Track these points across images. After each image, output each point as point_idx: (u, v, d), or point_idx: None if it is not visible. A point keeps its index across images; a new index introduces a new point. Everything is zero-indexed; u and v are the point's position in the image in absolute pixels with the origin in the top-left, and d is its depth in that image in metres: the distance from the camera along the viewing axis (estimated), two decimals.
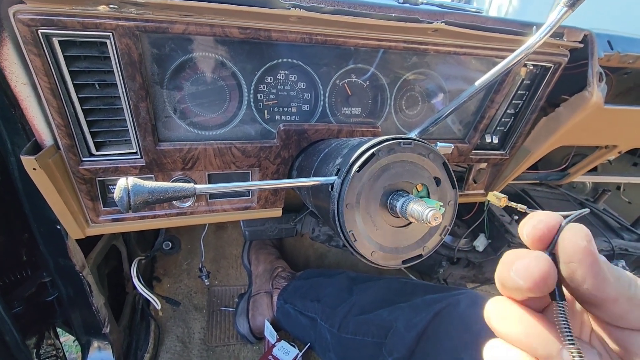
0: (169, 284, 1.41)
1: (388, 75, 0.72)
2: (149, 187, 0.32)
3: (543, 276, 0.23)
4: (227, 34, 0.52)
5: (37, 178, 0.54)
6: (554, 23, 0.41)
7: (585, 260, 0.23)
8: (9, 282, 0.76)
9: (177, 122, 0.62)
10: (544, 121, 0.82)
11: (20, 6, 0.43)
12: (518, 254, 0.25)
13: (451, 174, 0.44)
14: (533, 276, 0.23)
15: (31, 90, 0.51)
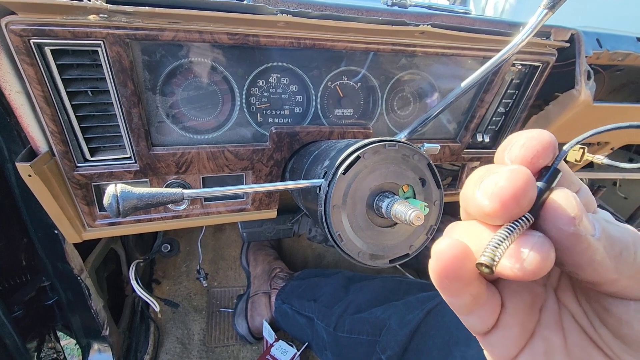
0: (168, 286, 1.42)
1: (379, 76, 0.73)
2: (137, 193, 0.33)
3: (515, 194, 0.18)
4: (216, 40, 0.53)
5: (32, 184, 0.55)
6: (535, 25, 0.42)
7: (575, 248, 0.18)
8: (9, 287, 0.77)
9: (170, 126, 0.63)
10: (534, 119, 0.83)
11: (12, 17, 0.44)
12: (491, 169, 0.20)
13: (436, 175, 0.44)
14: (501, 194, 0.18)
15: (25, 99, 0.52)
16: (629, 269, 0.18)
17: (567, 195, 0.19)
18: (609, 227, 0.19)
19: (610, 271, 0.18)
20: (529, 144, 0.20)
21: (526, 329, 0.23)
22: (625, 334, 0.20)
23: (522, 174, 0.18)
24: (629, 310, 0.19)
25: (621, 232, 0.19)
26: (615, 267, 0.18)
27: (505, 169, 0.19)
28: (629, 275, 0.19)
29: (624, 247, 0.19)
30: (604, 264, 0.18)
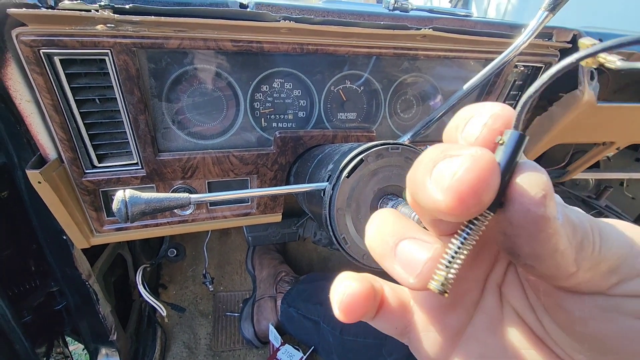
0: (174, 291, 1.43)
1: (381, 80, 0.74)
2: (145, 197, 0.34)
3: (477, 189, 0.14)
4: (220, 47, 0.54)
5: (42, 191, 0.56)
6: (536, 27, 0.42)
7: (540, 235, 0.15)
8: (19, 292, 0.78)
9: (176, 132, 0.64)
10: (538, 120, 0.83)
11: (23, 28, 0.46)
12: (447, 151, 0.16)
13: None
14: (460, 188, 0.14)
15: (35, 107, 0.53)
16: (589, 260, 0.16)
17: (534, 168, 0.16)
18: (569, 212, 0.16)
19: (571, 263, 0.16)
20: (493, 124, 0.17)
21: (448, 329, 0.21)
22: (578, 331, 0.18)
23: (486, 161, 0.15)
24: (584, 307, 0.17)
25: (581, 219, 0.17)
26: (576, 258, 0.16)
27: (467, 153, 0.15)
28: (587, 267, 0.16)
29: (585, 235, 0.16)
30: (565, 254, 0.16)
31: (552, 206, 0.15)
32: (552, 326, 0.19)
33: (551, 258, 0.16)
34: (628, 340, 0.16)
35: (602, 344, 0.17)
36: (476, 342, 0.21)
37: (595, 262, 0.16)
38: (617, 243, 0.17)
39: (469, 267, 0.22)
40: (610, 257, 0.16)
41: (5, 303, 0.72)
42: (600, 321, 0.17)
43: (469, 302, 0.21)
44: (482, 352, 0.20)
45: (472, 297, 0.22)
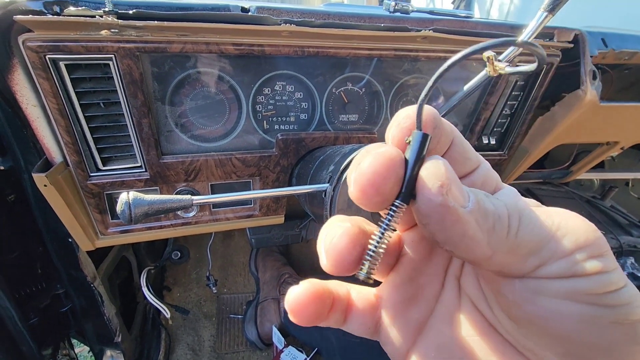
0: (178, 293, 1.43)
1: (383, 81, 0.74)
2: (148, 199, 0.34)
3: (373, 181, 0.17)
4: (222, 50, 0.55)
5: (48, 194, 0.57)
6: (535, 29, 0.42)
7: (445, 222, 0.17)
8: (25, 294, 0.79)
9: (179, 135, 0.65)
10: (540, 121, 0.82)
11: (29, 34, 0.46)
12: (369, 149, 0.18)
13: None
14: (361, 181, 0.17)
15: (41, 112, 0.54)
16: (503, 244, 0.17)
17: (435, 163, 0.18)
18: (484, 200, 0.18)
19: (484, 246, 0.17)
20: (404, 123, 0.19)
21: (411, 322, 0.22)
22: (515, 315, 0.19)
23: (385, 157, 0.17)
24: (515, 290, 0.18)
25: (497, 205, 0.18)
26: (488, 242, 0.17)
27: (375, 151, 0.18)
28: (504, 251, 0.17)
29: (497, 220, 0.17)
30: (475, 238, 0.17)
31: (453, 195, 0.17)
32: (500, 313, 0.20)
33: (462, 242, 0.17)
34: (554, 321, 0.17)
35: (535, 326, 0.18)
36: (436, 333, 0.21)
37: (512, 245, 0.17)
38: (538, 227, 0.18)
39: (425, 262, 0.23)
40: (530, 240, 0.17)
41: (12, 305, 0.73)
42: (530, 303, 0.18)
43: (429, 295, 0.22)
44: (440, 342, 0.21)
45: (433, 290, 0.23)
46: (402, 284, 0.22)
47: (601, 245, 0.18)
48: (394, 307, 0.22)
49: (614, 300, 0.17)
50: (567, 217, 0.18)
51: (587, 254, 0.17)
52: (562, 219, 0.18)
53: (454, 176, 0.17)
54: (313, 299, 0.20)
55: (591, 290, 0.17)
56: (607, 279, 0.17)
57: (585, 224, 0.18)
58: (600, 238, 0.18)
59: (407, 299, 0.22)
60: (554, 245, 0.17)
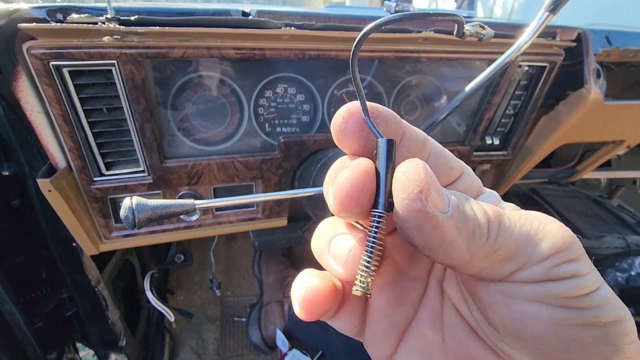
0: (182, 296, 1.44)
1: (384, 83, 0.74)
2: (151, 204, 0.34)
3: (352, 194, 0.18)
4: (223, 55, 0.55)
5: (52, 199, 0.57)
6: (536, 28, 0.42)
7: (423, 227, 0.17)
8: (30, 299, 0.80)
9: (182, 139, 0.65)
10: (544, 120, 0.82)
11: (33, 42, 0.47)
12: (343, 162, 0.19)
13: None
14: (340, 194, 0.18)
15: (45, 118, 0.54)
16: (482, 250, 0.17)
17: (414, 167, 0.17)
18: (464, 205, 0.18)
19: (463, 252, 0.17)
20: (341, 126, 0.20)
21: (395, 325, 0.22)
22: (490, 318, 0.19)
23: (360, 170, 0.18)
24: (490, 293, 0.18)
25: (477, 210, 0.18)
26: (468, 247, 0.17)
27: (350, 164, 0.18)
28: (482, 256, 0.17)
29: (477, 226, 0.17)
30: (454, 244, 0.17)
31: (433, 200, 0.17)
32: (479, 316, 0.20)
33: (440, 248, 0.17)
34: (526, 323, 0.17)
35: (509, 329, 0.18)
36: (418, 336, 0.22)
37: (490, 251, 0.17)
38: (517, 233, 0.18)
39: (409, 265, 0.23)
40: (508, 246, 0.17)
41: (18, 309, 0.73)
42: (503, 306, 0.18)
43: (413, 298, 0.22)
44: (422, 345, 0.21)
45: (416, 293, 0.23)
46: (386, 287, 0.22)
47: (575, 250, 0.18)
48: (378, 309, 0.22)
49: (584, 303, 0.17)
50: (545, 221, 0.18)
51: (562, 258, 0.17)
52: (540, 223, 0.18)
53: (434, 180, 0.17)
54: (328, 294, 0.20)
55: (563, 293, 0.17)
56: (579, 282, 0.17)
57: (561, 228, 0.18)
58: (576, 242, 0.18)
59: (391, 301, 0.22)
60: (531, 250, 0.17)
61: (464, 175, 0.22)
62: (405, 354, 0.22)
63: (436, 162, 0.21)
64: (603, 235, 1.16)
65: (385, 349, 0.22)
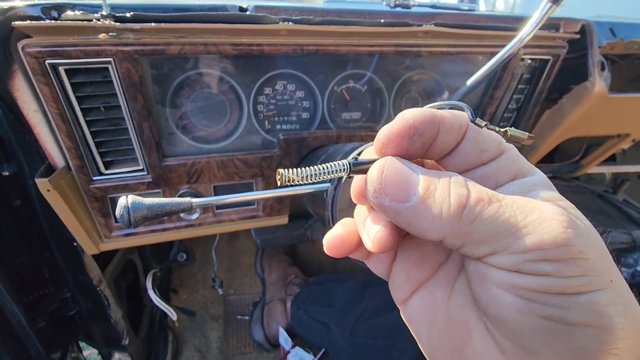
0: (185, 295, 1.44)
1: (385, 78, 0.73)
2: (147, 203, 0.34)
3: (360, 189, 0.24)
4: (220, 51, 0.54)
5: (51, 199, 0.57)
6: (539, 20, 0.41)
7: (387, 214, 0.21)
8: (33, 299, 0.80)
9: (181, 137, 0.65)
10: (548, 114, 0.81)
11: (28, 40, 0.46)
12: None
13: None
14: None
15: (42, 117, 0.54)
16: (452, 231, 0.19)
17: (373, 169, 0.21)
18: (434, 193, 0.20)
19: (432, 232, 0.20)
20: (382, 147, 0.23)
21: (412, 280, 0.26)
22: (472, 291, 0.21)
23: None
24: (470, 270, 0.21)
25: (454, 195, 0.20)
26: (436, 228, 0.20)
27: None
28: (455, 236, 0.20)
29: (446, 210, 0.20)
30: (420, 226, 0.20)
31: (390, 195, 0.21)
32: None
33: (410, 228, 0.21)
34: (490, 304, 0.20)
35: (481, 306, 0.21)
36: (429, 293, 0.25)
37: (463, 233, 0.19)
38: (500, 221, 0.19)
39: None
40: (485, 231, 0.19)
41: (21, 310, 0.73)
42: (478, 285, 0.20)
43: (433, 262, 0.26)
44: (430, 301, 0.25)
45: (437, 259, 0.26)
46: (411, 248, 0.26)
47: (565, 252, 0.18)
48: (401, 264, 0.26)
49: (551, 301, 0.18)
50: (544, 218, 0.19)
51: (542, 256, 0.18)
52: (538, 218, 0.19)
53: (394, 179, 0.21)
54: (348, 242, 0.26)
55: (529, 287, 0.18)
56: (553, 282, 0.18)
57: (559, 229, 0.18)
58: (571, 246, 0.18)
59: (413, 261, 0.26)
60: (511, 240, 0.19)
61: (500, 158, 0.22)
62: (415, 304, 0.25)
63: (467, 145, 0.22)
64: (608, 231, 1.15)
65: (401, 295, 0.26)
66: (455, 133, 0.22)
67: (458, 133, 0.22)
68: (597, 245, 0.19)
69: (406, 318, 0.26)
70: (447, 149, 0.22)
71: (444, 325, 0.23)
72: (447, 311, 0.24)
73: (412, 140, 0.21)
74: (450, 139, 0.22)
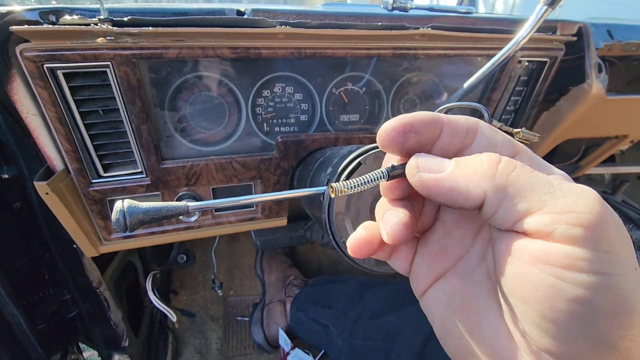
0: (185, 296, 1.44)
1: (383, 80, 0.73)
2: (143, 207, 0.34)
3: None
4: (218, 54, 0.55)
5: (50, 201, 0.57)
6: (535, 22, 0.41)
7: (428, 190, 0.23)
8: (33, 301, 0.80)
9: (179, 140, 0.65)
10: (546, 116, 0.81)
11: (26, 44, 0.47)
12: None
13: None
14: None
15: (41, 120, 0.54)
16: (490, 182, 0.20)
17: (411, 161, 0.23)
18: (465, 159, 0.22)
19: (472, 191, 0.21)
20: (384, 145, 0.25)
21: (432, 272, 0.27)
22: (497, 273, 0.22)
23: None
24: (500, 246, 0.21)
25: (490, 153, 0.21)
26: (476, 185, 0.21)
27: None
28: (493, 191, 0.20)
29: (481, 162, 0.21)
30: (458, 189, 0.21)
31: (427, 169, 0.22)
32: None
33: (450, 195, 0.22)
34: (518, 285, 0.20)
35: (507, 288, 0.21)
36: (448, 283, 0.26)
37: (501, 185, 0.20)
38: (536, 177, 0.20)
39: (455, 227, 0.27)
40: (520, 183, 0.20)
41: (20, 312, 0.73)
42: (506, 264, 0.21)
43: (453, 254, 0.27)
44: (449, 290, 0.26)
45: (457, 252, 0.27)
46: (432, 241, 0.28)
47: (600, 224, 0.18)
48: (422, 258, 0.28)
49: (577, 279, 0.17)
50: (581, 188, 0.19)
51: (579, 220, 0.18)
52: (574, 186, 0.19)
53: (429, 160, 0.23)
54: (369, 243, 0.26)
55: (559, 261, 0.18)
56: (579, 253, 0.17)
57: (595, 199, 0.18)
58: (604, 221, 0.18)
59: (433, 254, 0.27)
60: (548, 199, 0.19)
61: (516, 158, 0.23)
62: (434, 292, 0.27)
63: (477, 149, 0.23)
64: None
65: (421, 287, 0.28)
66: (461, 136, 0.23)
67: (464, 137, 0.23)
68: (623, 233, 0.19)
69: (424, 305, 0.28)
70: (453, 150, 0.23)
71: (459, 311, 0.25)
72: (462, 298, 0.25)
73: (406, 136, 0.23)
74: (456, 141, 0.23)
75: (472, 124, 0.23)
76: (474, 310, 0.24)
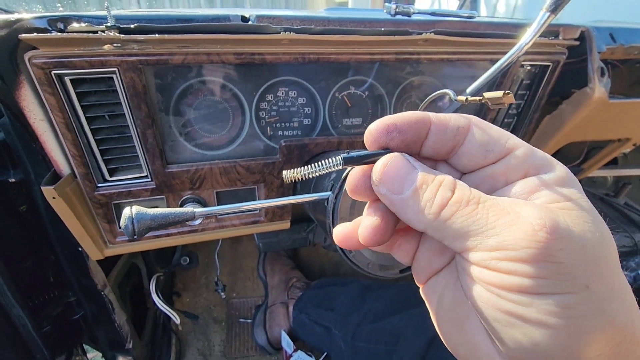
0: (188, 298, 1.45)
1: (386, 84, 0.74)
2: (151, 214, 0.34)
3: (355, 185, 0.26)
4: (223, 60, 0.55)
5: (56, 205, 0.58)
6: (537, 29, 0.41)
7: (384, 201, 0.25)
8: (38, 303, 0.81)
9: (184, 144, 0.66)
10: (548, 119, 0.81)
11: (35, 52, 0.47)
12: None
13: None
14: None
15: (48, 126, 0.55)
16: (432, 225, 0.22)
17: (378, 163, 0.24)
18: (424, 190, 0.23)
19: (416, 223, 0.23)
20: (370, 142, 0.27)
21: (431, 266, 0.28)
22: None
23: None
24: (456, 260, 0.24)
25: (440, 194, 0.22)
26: (419, 220, 0.23)
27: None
28: (433, 230, 0.23)
29: (428, 207, 0.23)
30: (407, 216, 0.23)
31: (388, 186, 0.24)
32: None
33: (399, 215, 0.24)
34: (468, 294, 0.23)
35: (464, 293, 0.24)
36: (444, 277, 0.27)
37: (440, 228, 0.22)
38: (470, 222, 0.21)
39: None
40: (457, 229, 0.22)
41: (26, 313, 0.74)
42: (460, 274, 0.24)
43: (450, 253, 0.27)
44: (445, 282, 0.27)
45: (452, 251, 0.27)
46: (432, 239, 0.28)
47: (531, 254, 0.19)
48: (423, 253, 0.29)
49: (513, 298, 0.20)
50: (516, 221, 0.20)
51: (507, 256, 0.20)
52: (508, 221, 0.20)
53: (394, 173, 0.24)
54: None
55: (494, 282, 0.20)
56: (515, 280, 0.19)
57: (527, 232, 0.19)
58: (538, 249, 0.19)
59: (433, 250, 0.28)
60: (480, 239, 0.21)
61: (509, 157, 0.24)
62: (432, 284, 0.28)
63: (470, 146, 0.24)
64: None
65: (422, 277, 0.29)
66: (450, 135, 0.24)
67: (454, 135, 0.24)
68: (580, 251, 0.19)
69: (424, 294, 0.30)
70: (445, 149, 0.24)
71: (450, 303, 0.26)
72: (453, 295, 0.26)
73: (390, 136, 0.24)
74: (445, 139, 0.24)
75: (463, 122, 0.24)
76: (461, 308, 0.25)
